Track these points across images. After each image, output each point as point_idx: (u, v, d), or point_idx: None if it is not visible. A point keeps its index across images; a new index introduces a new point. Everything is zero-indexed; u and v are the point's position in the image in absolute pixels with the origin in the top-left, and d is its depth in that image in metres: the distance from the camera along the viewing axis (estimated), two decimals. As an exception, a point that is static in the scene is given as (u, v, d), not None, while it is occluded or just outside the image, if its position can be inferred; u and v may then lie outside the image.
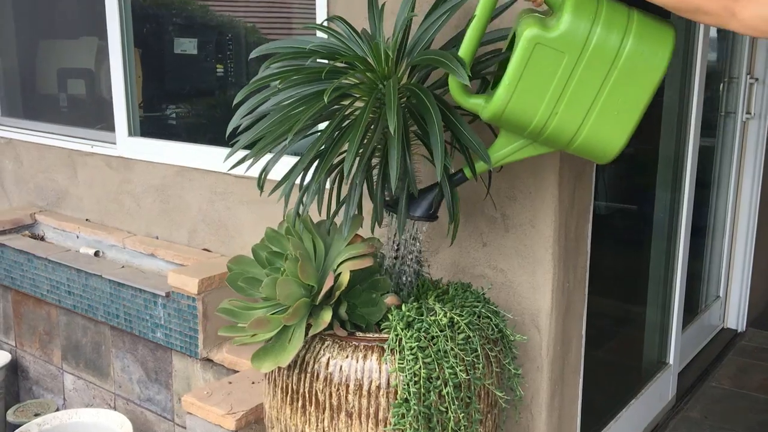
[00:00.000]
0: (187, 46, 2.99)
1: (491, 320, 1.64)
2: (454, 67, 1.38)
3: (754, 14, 1.18)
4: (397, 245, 1.73)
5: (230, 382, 2.14)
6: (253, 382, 2.14)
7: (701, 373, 3.31)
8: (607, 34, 1.35)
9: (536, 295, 1.89)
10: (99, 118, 3.16)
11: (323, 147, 1.48)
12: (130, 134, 2.85)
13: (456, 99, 1.50)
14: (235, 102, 1.60)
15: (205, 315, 2.37)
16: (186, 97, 3.03)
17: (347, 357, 1.54)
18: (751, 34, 1.23)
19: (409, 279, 1.74)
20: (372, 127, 1.51)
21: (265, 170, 1.66)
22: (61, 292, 2.80)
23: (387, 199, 1.60)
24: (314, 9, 2.18)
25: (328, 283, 1.49)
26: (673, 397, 3.02)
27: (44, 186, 3.28)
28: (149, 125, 2.90)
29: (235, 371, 2.32)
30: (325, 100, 1.37)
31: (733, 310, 3.80)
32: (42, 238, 3.15)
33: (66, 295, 2.78)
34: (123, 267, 2.74)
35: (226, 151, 2.57)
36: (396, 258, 1.74)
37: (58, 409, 3.01)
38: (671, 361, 2.97)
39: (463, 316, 1.58)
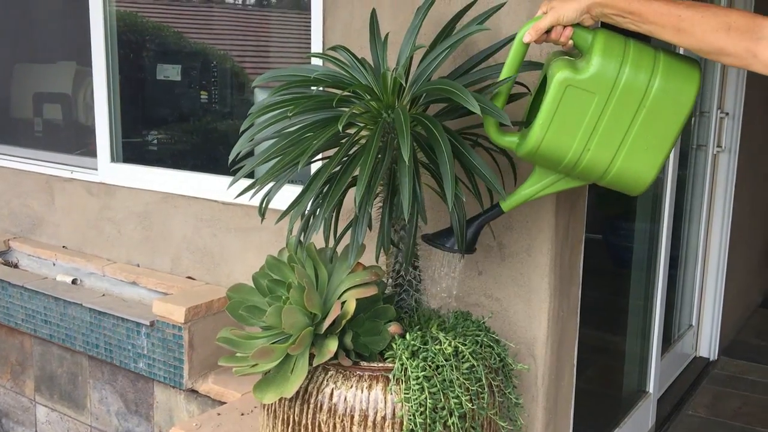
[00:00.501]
0: (170, 72, 2.97)
1: (493, 349, 1.64)
2: (468, 100, 1.39)
3: None
4: (398, 273, 1.73)
5: (219, 414, 2.10)
6: (242, 414, 2.10)
7: (678, 401, 3.35)
8: (635, 74, 1.40)
9: (532, 323, 1.90)
10: (77, 143, 3.11)
11: (334, 171, 1.48)
12: (113, 160, 2.81)
13: (491, 137, 1.54)
14: (243, 128, 1.60)
15: (191, 345, 2.32)
16: (169, 123, 3.01)
17: (352, 387, 1.52)
18: None
19: (409, 307, 1.74)
20: (379, 155, 1.51)
21: (268, 197, 1.65)
22: (36, 321, 2.72)
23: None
24: (309, 38, 2.19)
25: (335, 312, 1.48)
26: (652, 426, 3.05)
27: (19, 212, 3.20)
28: (132, 151, 2.86)
29: (222, 402, 2.27)
30: (339, 127, 1.37)
31: (705, 339, 3.86)
32: (16, 266, 3.06)
33: (42, 324, 2.70)
34: (103, 295, 2.67)
35: (214, 178, 2.58)
36: (396, 286, 1.74)
37: (29, 443, 2.91)
38: (651, 390, 3.01)
39: (466, 345, 1.58)
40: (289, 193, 1.78)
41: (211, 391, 2.31)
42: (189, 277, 2.63)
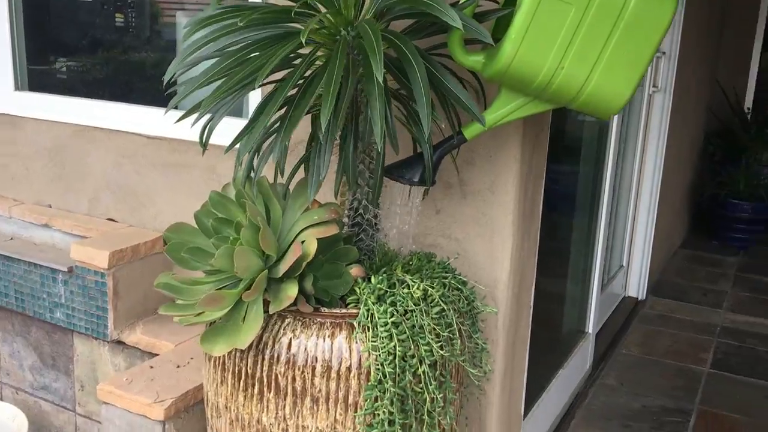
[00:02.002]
0: (81, -9, 2.65)
1: (461, 292, 1.52)
2: (448, 14, 1.23)
3: None
4: (356, 211, 1.57)
5: (151, 367, 1.91)
6: (178, 366, 1.92)
7: (611, 341, 3.38)
8: None
9: (494, 265, 1.79)
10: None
11: (291, 95, 1.29)
12: (17, 88, 2.49)
13: (456, 57, 1.43)
14: (184, 36, 1.37)
15: (116, 292, 2.11)
16: (81, 48, 2.69)
17: (312, 336, 1.37)
18: None
19: (368, 248, 1.59)
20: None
21: (210, 125, 1.45)
22: (-67, 268, 2.42)
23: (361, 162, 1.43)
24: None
25: (295, 253, 1.31)
26: (590, 365, 3.05)
27: None
28: (39, 79, 2.55)
29: (153, 354, 2.08)
30: (303, 39, 1.18)
31: (635, 280, 3.91)
32: None
33: (-60, 272, 2.41)
34: (11, 239, 2.40)
35: (137, 108, 2.33)
36: (354, 225, 1.58)
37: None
38: (590, 330, 3.00)
39: (434, 287, 1.45)
40: (226, 126, 1.58)
41: (140, 342, 2.11)
42: (110, 219, 2.39)
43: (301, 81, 1.35)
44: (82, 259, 2.10)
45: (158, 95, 2.39)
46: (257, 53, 1.37)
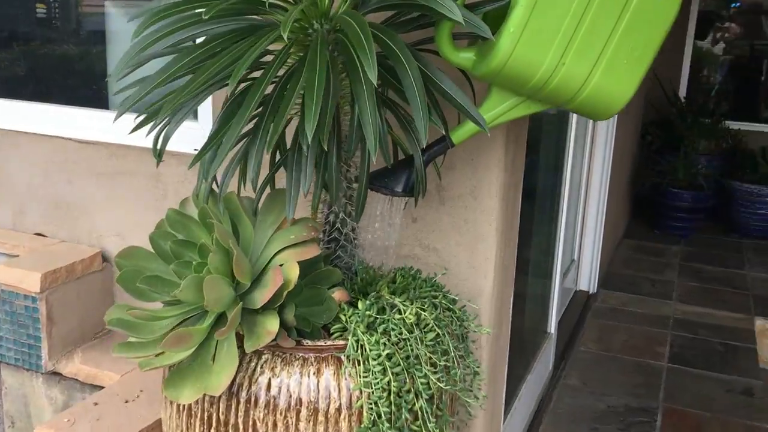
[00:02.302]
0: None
1: (454, 313, 1.38)
2: (445, 5, 1.07)
3: None
4: (332, 225, 1.40)
5: (96, 403, 1.70)
6: (126, 401, 1.71)
7: (569, 338, 3.32)
8: None
9: (477, 275, 1.66)
10: None
11: (266, 95, 1.11)
12: (-76, 88, 2.20)
13: (444, 54, 1.28)
14: (137, 30, 1.17)
15: (50, 318, 1.87)
16: (-2, 42, 2.42)
17: (295, 374, 1.20)
18: None
19: (347, 267, 1.42)
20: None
21: (166, 131, 1.25)
22: None
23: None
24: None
25: (275, 282, 1.14)
26: (552, 365, 2.97)
27: None
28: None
29: (96, 386, 1.86)
30: (284, 33, 1.00)
31: (585, 273, 3.87)
32: None
33: None
34: (-77, 260, 2.12)
35: (69, 110, 2.08)
36: (330, 242, 1.42)
37: None
38: (552, 330, 2.92)
39: (426, 310, 1.30)
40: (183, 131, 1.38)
41: (79, 373, 1.89)
42: (38, 234, 2.14)
43: (274, 81, 1.17)
44: (10, 283, 1.85)
45: (91, 95, 2.15)
46: (220, 49, 1.19)
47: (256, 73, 1.18)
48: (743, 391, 2.92)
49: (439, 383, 1.23)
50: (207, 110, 1.88)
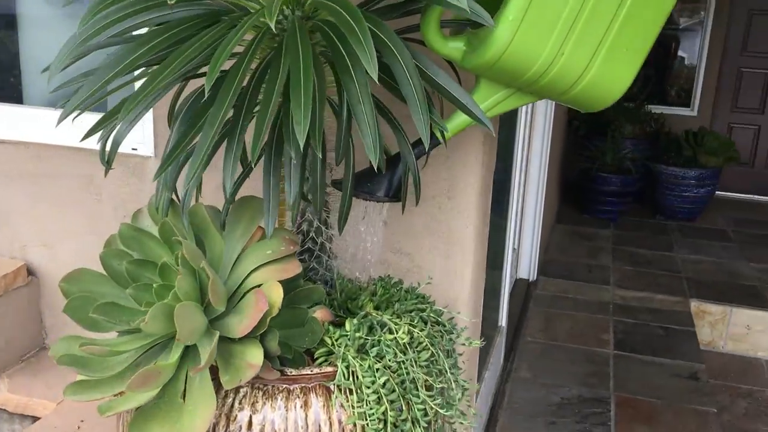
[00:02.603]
0: None
1: (444, 326, 1.26)
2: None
3: None
4: (306, 235, 1.26)
5: (31, 439, 1.50)
6: (66, 434, 1.52)
7: (515, 329, 3.28)
8: None
9: (453, 281, 1.55)
10: None
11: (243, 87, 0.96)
12: None
13: (431, 43, 1.17)
14: (84, 18, 0.99)
15: (-30, 342, 1.65)
16: None
17: (279, 408, 1.06)
18: None
19: (323, 280, 1.29)
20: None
21: (117, 133, 1.07)
22: None
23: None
24: None
25: (259, 308, 0.99)
26: (503, 358, 2.92)
27: None
28: None
29: (27, 417, 1.65)
30: (271, 19, 0.86)
31: (525, 261, 3.84)
32: None
33: None
34: None
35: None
36: (303, 252, 1.27)
37: None
38: (503, 323, 2.86)
39: (416, 326, 1.18)
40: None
41: (7, 403, 1.67)
42: (-51, 245, 1.89)
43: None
44: None
45: (8, 88, 1.91)
46: (186, 35, 1.02)
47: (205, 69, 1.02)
48: (689, 376, 2.95)
49: (438, 408, 1.11)
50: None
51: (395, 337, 1.12)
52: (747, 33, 5.46)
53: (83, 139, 1.00)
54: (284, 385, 1.07)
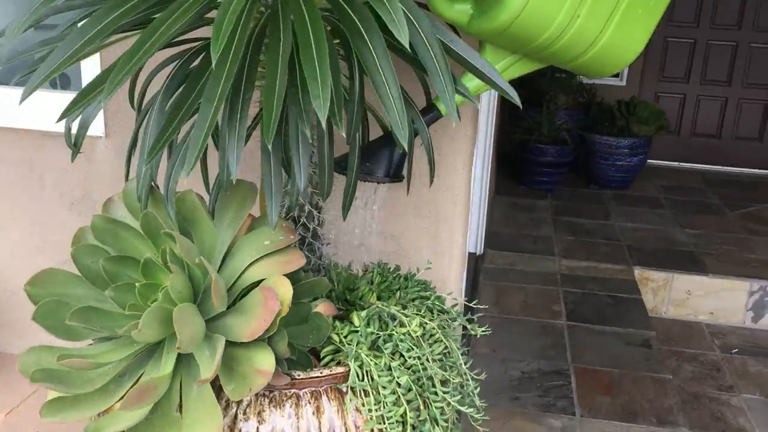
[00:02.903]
0: None
1: (449, 314, 1.18)
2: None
3: None
4: (297, 221, 1.14)
5: (-20, 457, 1.33)
6: (21, 449, 1.36)
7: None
8: None
9: (441, 262, 1.47)
10: None
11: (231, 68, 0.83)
12: None
13: (435, 7, 1.10)
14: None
15: None
16: None
17: (288, 416, 0.95)
18: None
19: (316, 268, 1.17)
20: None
21: (84, 115, 0.93)
22: None
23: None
24: None
25: (269, 307, 0.87)
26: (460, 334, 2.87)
27: None
28: None
29: (-29, 431, 1.48)
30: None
31: (473, 234, 3.80)
32: None
33: None
34: None
35: None
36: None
37: None
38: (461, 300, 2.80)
39: (424, 316, 1.09)
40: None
41: (-54, 417, 1.49)
42: None
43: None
44: None
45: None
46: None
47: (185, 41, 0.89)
48: (642, 344, 2.98)
49: (457, 405, 1.03)
50: (87, 75, 1.52)
51: (408, 331, 1.03)
52: (672, 2, 5.55)
53: (60, 119, 0.85)
54: (292, 390, 0.96)
